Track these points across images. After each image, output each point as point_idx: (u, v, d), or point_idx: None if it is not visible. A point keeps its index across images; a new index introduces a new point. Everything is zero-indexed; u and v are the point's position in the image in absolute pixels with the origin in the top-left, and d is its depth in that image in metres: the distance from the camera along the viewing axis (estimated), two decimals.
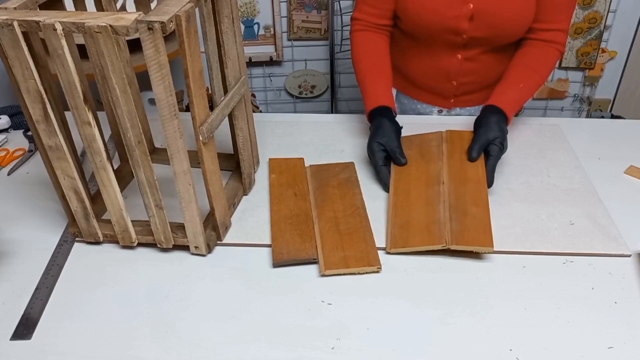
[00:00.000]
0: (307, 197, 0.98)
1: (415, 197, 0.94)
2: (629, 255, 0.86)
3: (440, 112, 1.31)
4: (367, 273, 0.84)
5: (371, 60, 1.16)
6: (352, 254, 0.85)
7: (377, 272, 0.84)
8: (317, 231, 0.90)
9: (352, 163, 1.07)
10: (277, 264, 0.85)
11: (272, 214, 0.94)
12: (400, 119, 1.07)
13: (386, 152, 1.02)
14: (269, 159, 1.08)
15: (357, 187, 1.00)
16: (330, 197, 0.97)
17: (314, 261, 0.85)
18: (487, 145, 0.99)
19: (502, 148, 0.99)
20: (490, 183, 0.97)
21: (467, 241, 0.84)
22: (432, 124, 1.19)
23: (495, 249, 0.86)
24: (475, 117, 1.06)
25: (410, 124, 1.11)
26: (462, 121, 1.20)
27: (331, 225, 0.91)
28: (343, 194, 0.98)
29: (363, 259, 0.84)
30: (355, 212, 0.93)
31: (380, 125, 1.04)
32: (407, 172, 1.00)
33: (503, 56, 1.18)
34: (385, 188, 1.00)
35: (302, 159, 1.08)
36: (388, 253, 0.87)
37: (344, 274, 0.83)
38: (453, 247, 0.84)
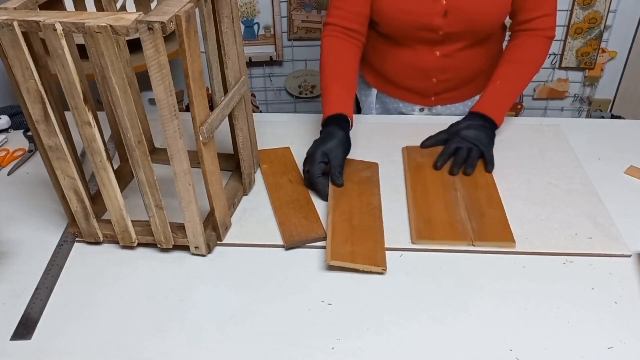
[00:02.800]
0: (303, 182, 1.01)
1: (434, 197, 0.97)
2: (629, 256, 0.86)
3: (421, 110, 1.30)
4: (371, 272, 0.83)
5: (336, 68, 1.15)
6: (360, 250, 0.85)
7: (382, 273, 0.83)
8: (330, 221, 0.90)
9: (376, 164, 1.06)
10: (290, 245, 0.88)
11: (273, 200, 0.96)
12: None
13: (325, 165, 0.99)
14: (258, 151, 1.09)
15: (376, 188, 1.00)
16: (349, 191, 0.98)
17: (323, 239, 0.88)
18: (453, 154, 1.04)
19: (479, 144, 1.05)
20: (491, 166, 1.03)
21: (489, 238, 0.87)
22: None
23: (496, 249, 0.87)
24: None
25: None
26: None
27: (345, 217, 0.91)
28: (362, 191, 0.98)
29: (370, 258, 0.84)
30: (370, 211, 0.93)
31: (333, 136, 1.01)
32: (422, 175, 1.03)
33: (481, 51, 1.18)
34: (324, 197, 0.97)
35: (288, 147, 1.11)
36: (413, 243, 0.88)
37: (349, 269, 0.83)
38: (477, 245, 0.87)
